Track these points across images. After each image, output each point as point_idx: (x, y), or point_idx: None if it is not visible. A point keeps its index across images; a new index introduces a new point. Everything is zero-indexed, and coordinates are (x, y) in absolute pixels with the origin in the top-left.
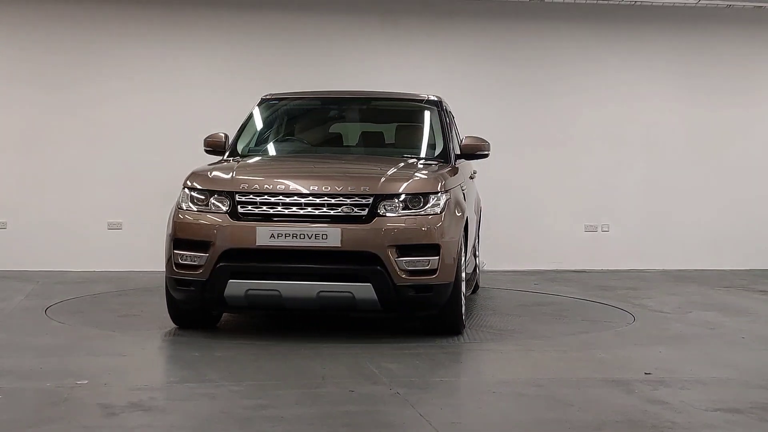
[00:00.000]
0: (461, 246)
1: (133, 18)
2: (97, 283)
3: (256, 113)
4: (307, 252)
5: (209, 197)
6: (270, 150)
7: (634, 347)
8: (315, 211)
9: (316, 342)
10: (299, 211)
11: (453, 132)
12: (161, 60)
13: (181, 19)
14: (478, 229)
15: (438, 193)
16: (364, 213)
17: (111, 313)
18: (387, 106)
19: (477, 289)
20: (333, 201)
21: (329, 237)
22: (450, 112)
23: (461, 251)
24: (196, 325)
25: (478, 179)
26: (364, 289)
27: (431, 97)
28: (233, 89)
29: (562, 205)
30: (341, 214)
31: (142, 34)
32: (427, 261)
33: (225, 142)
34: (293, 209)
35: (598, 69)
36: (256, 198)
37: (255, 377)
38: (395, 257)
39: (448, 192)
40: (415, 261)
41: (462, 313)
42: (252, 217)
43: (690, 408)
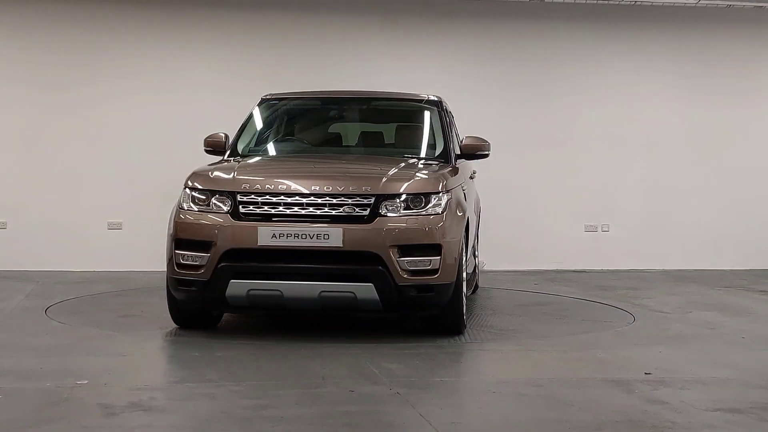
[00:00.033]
0: (462, 246)
1: (133, 18)
2: (97, 283)
3: (256, 113)
4: (309, 252)
5: (210, 197)
6: (270, 150)
7: (634, 347)
8: (317, 211)
9: (316, 342)
10: (301, 211)
11: (453, 132)
12: (161, 60)
13: (181, 19)
14: (477, 229)
15: (439, 193)
16: (365, 213)
17: (111, 313)
18: (387, 106)
19: (476, 289)
20: (335, 201)
21: (331, 237)
22: (450, 112)
23: (462, 251)
24: (196, 326)
25: (478, 179)
26: (365, 289)
27: (431, 97)
28: (233, 89)
29: (562, 205)
30: (343, 214)
31: (142, 34)
32: (429, 261)
33: (225, 142)
34: (295, 209)
35: (598, 69)
36: (257, 198)
37: (255, 377)
38: (397, 257)
39: (449, 192)
40: (417, 261)
41: (463, 313)
42: (254, 217)
43: (690, 408)
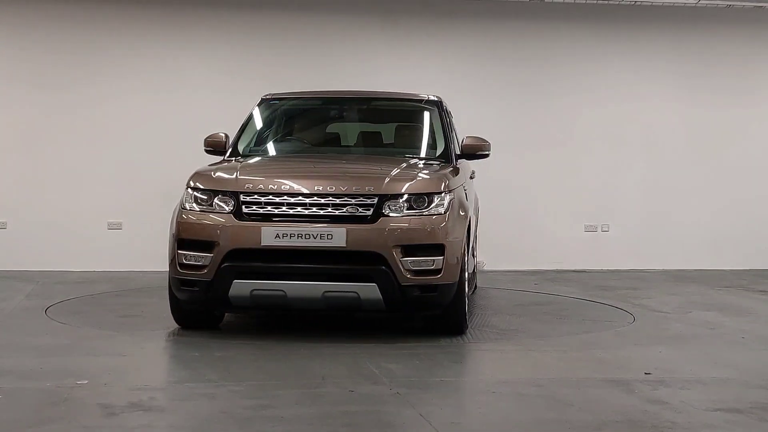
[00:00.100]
0: (465, 246)
1: (133, 18)
2: (97, 283)
3: (256, 113)
4: (312, 252)
5: (213, 197)
6: (271, 150)
7: (634, 347)
8: (320, 211)
9: (316, 342)
10: (304, 212)
11: (453, 132)
12: (161, 60)
13: (181, 19)
14: (476, 230)
15: (442, 194)
16: (369, 213)
17: (111, 313)
18: (387, 106)
19: (475, 289)
20: (338, 201)
21: (334, 237)
22: (449, 112)
23: (465, 251)
24: (198, 326)
25: (477, 179)
26: (369, 289)
27: (431, 97)
28: (233, 89)
29: (562, 205)
30: (346, 214)
31: (142, 34)
32: (432, 261)
33: (225, 142)
34: (298, 209)
35: (598, 69)
36: (260, 198)
37: (255, 377)
38: (400, 257)
39: (451, 192)
40: (420, 261)
41: (465, 313)
42: (257, 217)
43: (690, 408)
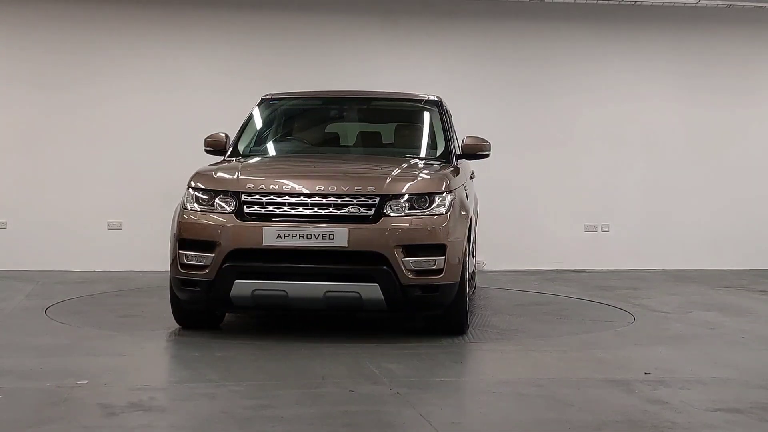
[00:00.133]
0: (466, 246)
1: (133, 18)
2: (98, 283)
3: (256, 113)
4: (314, 252)
5: (214, 197)
6: (272, 150)
7: (634, 347)
8: (321, 211)
9: (316, 342)
10: (305, 211)
11: (453, 132)
12: (161, 60)
13: (181, 19)
14: (475, 230)
15: (443, 193)
16: (370, 213)
17: (111, 313)
18: (387, 106)
19: (474, 289)
20: (339, 201)
21: (336, 237)
22: (449, 112)
23: (466, 251)
24: (199, 326)
25: (477, 179)
26: (370, 289)
27: (431, 97)
28: (233, 89)
29: (562, 205)
30: (347, 214)
31: (142, 34)
32: (434, 261)
33: (225, 142)
34: (299, 209)
35: (598, 69)
36: (262, 198)
37: (255, 377)
38: (402, 257)
39: (452, 192)
40: (422, 261)
41: (467, 313)
42: (258, 218)
43: (690, 408)
